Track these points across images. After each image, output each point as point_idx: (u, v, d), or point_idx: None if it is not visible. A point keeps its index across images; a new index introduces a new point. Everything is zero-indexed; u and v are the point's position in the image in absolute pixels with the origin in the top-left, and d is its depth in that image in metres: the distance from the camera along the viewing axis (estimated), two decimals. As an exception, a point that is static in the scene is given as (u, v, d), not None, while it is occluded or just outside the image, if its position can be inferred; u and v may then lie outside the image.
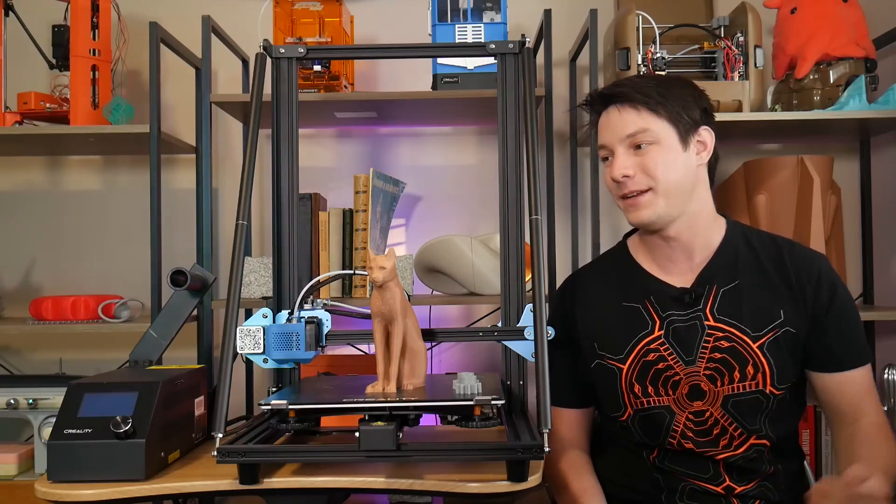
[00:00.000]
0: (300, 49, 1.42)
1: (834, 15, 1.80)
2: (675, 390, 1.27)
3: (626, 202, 1.27)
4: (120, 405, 1.12)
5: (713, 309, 1.27)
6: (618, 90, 1.27)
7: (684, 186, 1.25)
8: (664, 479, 1.29)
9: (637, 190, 1.24)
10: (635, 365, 1.29)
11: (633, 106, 1.24)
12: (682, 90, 1.26)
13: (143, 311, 1.95)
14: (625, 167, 1.24)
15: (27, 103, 1.88)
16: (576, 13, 2.01)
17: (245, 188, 1.24)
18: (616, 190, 1.28)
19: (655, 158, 1.23)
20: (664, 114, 1.23)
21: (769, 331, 1.25)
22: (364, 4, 2.15)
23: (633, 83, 1.27)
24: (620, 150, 1.26)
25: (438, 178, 2.18)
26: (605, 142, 1.28)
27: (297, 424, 1.14)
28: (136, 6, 2.12)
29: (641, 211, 1.25)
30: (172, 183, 2.17)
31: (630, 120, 1.24)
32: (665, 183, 1.23)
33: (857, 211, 2.11)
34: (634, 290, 1.33)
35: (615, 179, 1.26)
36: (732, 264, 1.29)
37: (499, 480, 1.03)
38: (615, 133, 1.26)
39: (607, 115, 1.29)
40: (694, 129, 1.25)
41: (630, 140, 1.24)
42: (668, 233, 1.28)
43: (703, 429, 1.26)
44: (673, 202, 1.24)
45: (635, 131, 1.24)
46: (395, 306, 1.16)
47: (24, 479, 1.69)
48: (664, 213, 1.25)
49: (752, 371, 1.24)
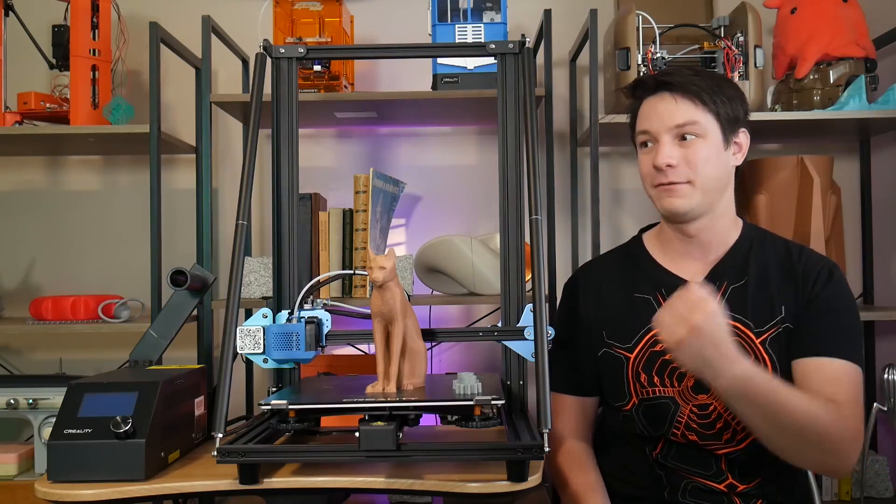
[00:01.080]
0: (300, 49, 1.42)
1: (834, 15, 1.80)
2: (680, 382, 1.27)
3: (662, 189, 1.27)
4: (120, 405, 1.12)
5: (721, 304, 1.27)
6: (676, 79, 1.26)
7: (720, 184, 1.27)
8: (667, 476, 1.29)
9: (677, 181, 1.25)
10: (643, 354, 1.30)
11: (688, 96, 1.24)
12: (731, 90, 1.27)
13: (143, 311, 1.95)
14: (670, 156, 1.24)
15: (27, 103, 1.88)
16: (576, 13, 2.01)
17: (245, 188, 1.24)
18: (655, 177, 1.27)
19: (700, 152, 1.24)
20: (713, 109, 1.24)
21: (771, 326, 1.26)
22: (364, 4, 2.15)
23: (687, 74, 1.27)
24: (667, 138, 1.25)
25: (438, 178, 2.18)
26: (651, 128, 1.27)
27: (297, 424, 1.14)
28: (136, 6, 2.12)
29: (677, 199, 1.25)
30: (172, 183, 2.17)
31: (679, 110, 1.24)
32: (704, 177, 1.24)
33: (857, 211, 2.11)
34: (646, 282, 1.34)
35: (657, 167, 1.25)
36: (743, 263, 1.30)
37: (499, 480, 1.03)
38: (663, 121, 1.26)
39: (655, 101, 1.27)
40: (736, 129, 1.27)
41: (678, 130, 1.24)
42: (690, 229, 1.29)
43: (707, 422, 1.26)
44: (707, 198, 1.26)
45: (685, 122, 1.24)
46: (395, 306, 1.16)
47: (24, 479, 1.69)
48: (697, 207, 1.26)
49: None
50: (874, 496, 1.86)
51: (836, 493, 1.86)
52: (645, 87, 1.30)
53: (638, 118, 1.31)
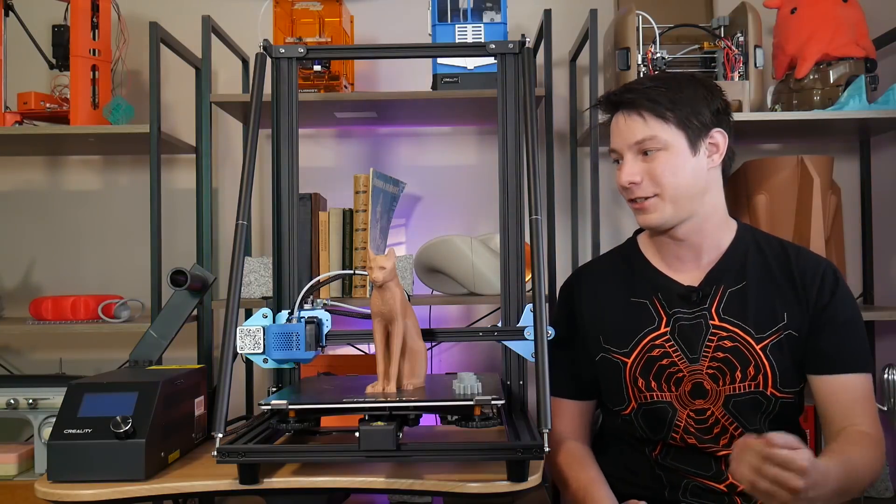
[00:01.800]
0: (300, 49, 1.42)
1: (834, 15, 1.80)
2: (677, 387, 1.27)
3: (634, 206, 1.29)
4: (120, 405, 1.12)
5: (719, 309, 1.27)
6: (626, 96, 1.26)
7: (693, 191, 1.25)
8: (667, 476, 1.30)
9: (643, 196, 1.25)
10: (640, 360, 1.29)
11: (639, 113, 1.24)
12: (695, 92, 1.25)
13: (143, 311, 1.95)
14: (631, 174, 1.25)
15: (27, 103, 1.88)
16: (576, 13, 2.01)
17: (245, 188, 1.24)
18: (624, 194, 1.29)
19: (663, 165, 1.23)
20: (672, 119, 1.23)
21: (772, 333, 1.25)
22: (364, 4, 2.15)
23: (643, 88, 1.26)
24: (629, 156, 1.26)
25: (438, 178, 2.18)
26: (615, 146, 1.29)
27: (297, 424, 1.14)
28: (136, 6, 2.12)
29: (648, 215, 1.27)
30: (172, 183, 2.17)
31: (637, 127, 1.24)
32: (672, 189, 1.24)
33: (857, 211, 2.11)
34: (642, 286, 1.34)
35: (622, 185, 1.27)
36: (741, 266, 1.30)
37: (499, 480, 1.03)
38: (624, 139, 1.26)
39: (618, 118, 1.29)
40: (705, 132, 1.25)
41: (638, 146, 1.25)
42: (678, 234, 1.29)
43: (705, 427, 1.27)
44: (681, 206, 1.25)
45: (642, 139, 1.24)
46: (395, 306, 1.16)
47: (24, 479, 1.69)
48: (671, 218, 1.26)
49: (752, 372, 1.24)
50: (874, 496, 1.86)
51: (836, 493, 1.86)
52: (606, 106, 1.32)
53: (610, 135, 1.32)
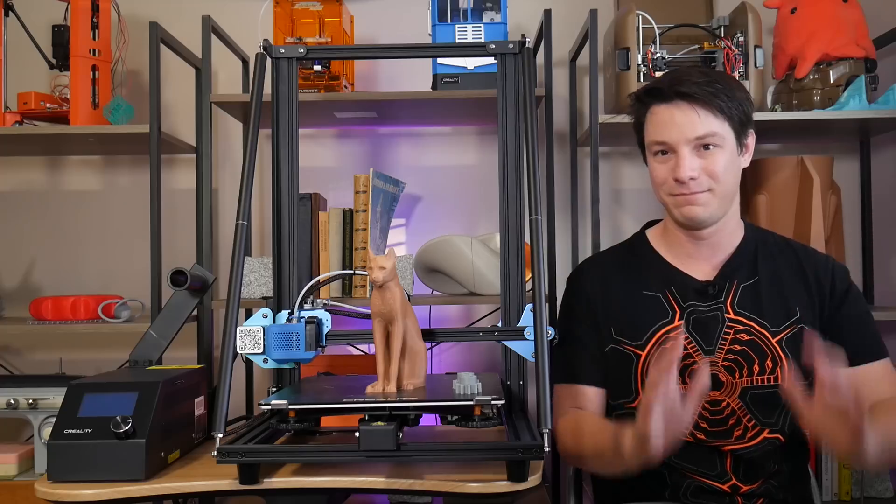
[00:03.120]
0: (300, 49, 1.42)
1: (834, 15, 1.80)
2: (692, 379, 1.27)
3: (679, 198, 1.26)
4: (120, 405, 1.12)
5: (734, 303, 1.29)
6: (693, 89, 1.23)
7: (735, 189, 1.28)
8: (669, 476, 1.29)
9: (699, 190, 1.25)
10: (654, 352, 1.29)
11: (701, 107, 1.22)
12: (741, 92, 1.26)
13: (143, 311, 1.95)
14: (693, 168, 1.23)
15: (27, 103, 1.88)
16: (576, 13, 2.01)
17: (245, 188, 1.24)
18: (673, 188, 1.26)
19: (720, 161, 1.23)
20: (728, 118, 1.23)
21: (787, 326, 1.28)
22: (364, 4, 2.15)
23: (701, 81, 1.23)
24: (686, 150, 1.23)
25: (438, 178, 2.18)
26: (669, 139, 1.24)
27: (297, 424, 1.14)
28: (136, 6, 2.12)
29: (698, 207, 1.25)
30: (172, 183, 2.17)
31: (704, 121, 1.22)
32: (724, 185, 1.25)
33: (857, 211, 2.11)
34: (656, 280, 1.34)
35: (679, 180, 1.24)
36: (751, 262, 1.32)
37: (499, 480, 1.04)
38: (683, 133, 1.23)
39: (671, 110, 1.24)
40: (746, 132, 1.27)
41: (698, 141, 1.23)
42: (703, 233, 1.30)
43: (719, 418, 1.27)
44: (724, 204, 1.27)
45: (706, 134, 1.22)
46: (395, 306, 1.16)
47: (24, 479, 1.69)
48: (716, 213, 1.27)
49: (770, 365, 1.26)
50: (874, 496, 1.86)
51: (836, 493, 1.86)
52: (659, 96, 1.26)
53: (650, 125, 1.28)
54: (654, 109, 1.27)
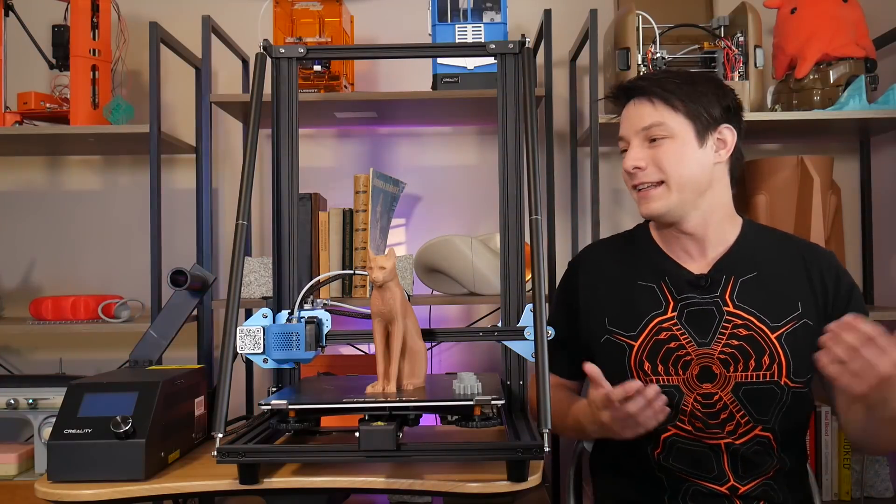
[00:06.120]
0: (300, 49, 1.42)
1: (834, 15, 1.80)
2: (685, 370, 1.28)
3: (638, 194, 1.31)
4: (120, 405, 1.12)
5: (733, 296, 1.29)
6: (638, 83, 1.31)
7: (698, 183, 1.28)
8: (667, 479, 1.29)
9: (648, 182, 1.28)
10: (647, 343, 1.30)
11: (650, 100, 1.28)
12: (707, 87, 1.29)
13: (143, 311, 1.95)
14: (637, 159, 1.28)
15: (27, 103, 1.88)
16: (576, 13, 2.01)
17: (245, 188, 1.24)
18: (629, 180, 1.32)
19: (668, 152, 1.26)
20: (682, 109, 1.26)
21: (788, 321, 1.28)
22: (364, 4, 2.15)
23: (655, 77, 1.30)
24: (635, 142, 1.29)
25: (438, 178, 2.18)
26: (623, 133, 1.32)
27: (297, 424, 1.14)
28: (136, 6, 2.12)
29: (652, 203, 1.28)
30: (172, 183, 2.17)
31: (646, 113, 1.28)
32: (677, 177, 1.26)
33: (857, 211, 2.11)
34: (650, 271, 1.35)
35: (626, 170, 1.30)
36: (750, 257, 1.32)
37: (499, 480, 1.03)
38: (632, 125, 1.30)
39: (629, 106, 1.32)
40: (713, 126, 1.28)
41: (645, 133, 1.28)
42: (685, 227, 1.31)
43: (711, 412, 1.27)
44: (685, 197, 1.27)
45: (650, 124, 1.27)
46: (395, 306, 1.16)
47: (24, 479, 1.69)
48: (675, 207, 1.28)
49: (767, 361, 1.26)
50: (874, 496, 1.86)
51: (836, 493, 1.86)
52: (618, 95, 1.35)
53: (619, 125, 1.35)
54: (622, 111, 1.35)
